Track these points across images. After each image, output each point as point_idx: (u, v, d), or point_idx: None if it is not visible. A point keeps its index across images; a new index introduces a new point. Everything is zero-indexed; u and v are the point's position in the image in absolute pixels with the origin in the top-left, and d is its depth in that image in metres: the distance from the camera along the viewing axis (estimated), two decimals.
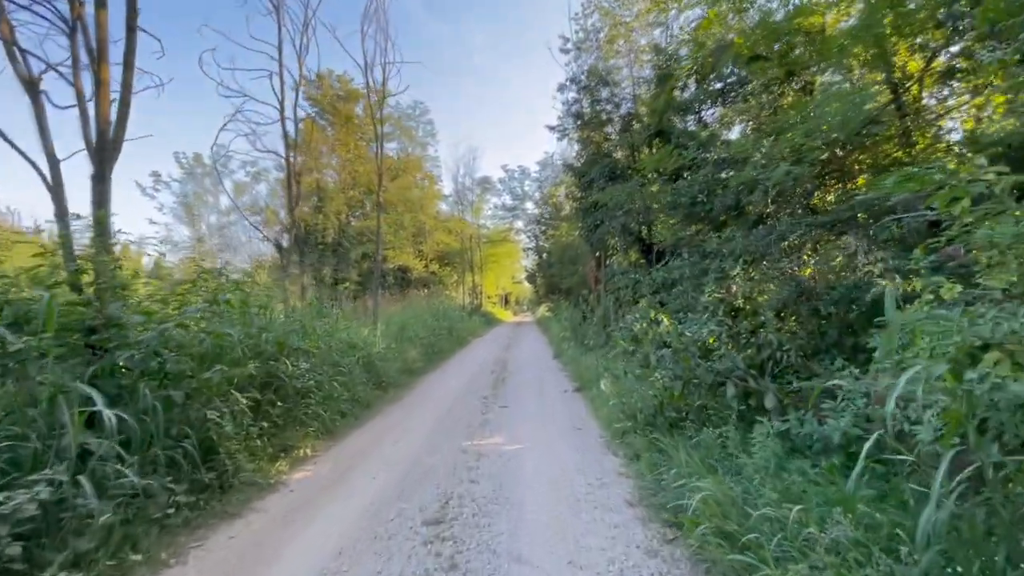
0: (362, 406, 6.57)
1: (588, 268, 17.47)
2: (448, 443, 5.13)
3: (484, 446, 5.01)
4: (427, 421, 6.07)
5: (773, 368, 4.73)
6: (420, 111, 25.56)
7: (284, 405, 4.83)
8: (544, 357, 12.81)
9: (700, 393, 4.42)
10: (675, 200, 6.90)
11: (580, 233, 14.19)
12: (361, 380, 7.01)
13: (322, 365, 6.04)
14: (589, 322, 13.78)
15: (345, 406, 6.13)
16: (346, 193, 27.82)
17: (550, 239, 27.80)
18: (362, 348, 7.87)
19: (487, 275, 38.95)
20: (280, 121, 9.19)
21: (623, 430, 5.06)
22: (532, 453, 4.76)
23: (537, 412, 6.49)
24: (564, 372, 10.11)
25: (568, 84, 11.73)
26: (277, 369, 4.92)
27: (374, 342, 8.87)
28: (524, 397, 7.50)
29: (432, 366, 10.83)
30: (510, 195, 36.63)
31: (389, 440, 5.28)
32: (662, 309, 5.58)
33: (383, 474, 4.26)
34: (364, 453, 4.83)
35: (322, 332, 6.99)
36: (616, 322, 10.81)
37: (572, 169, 12.47)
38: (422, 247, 28.00)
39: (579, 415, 6.30)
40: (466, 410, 6.64)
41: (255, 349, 4.79)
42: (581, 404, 6.96)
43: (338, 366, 6.64)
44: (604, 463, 4.43)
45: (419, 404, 7.12)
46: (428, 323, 13.03)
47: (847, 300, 4.72)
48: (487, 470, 4.30)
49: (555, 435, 5.36)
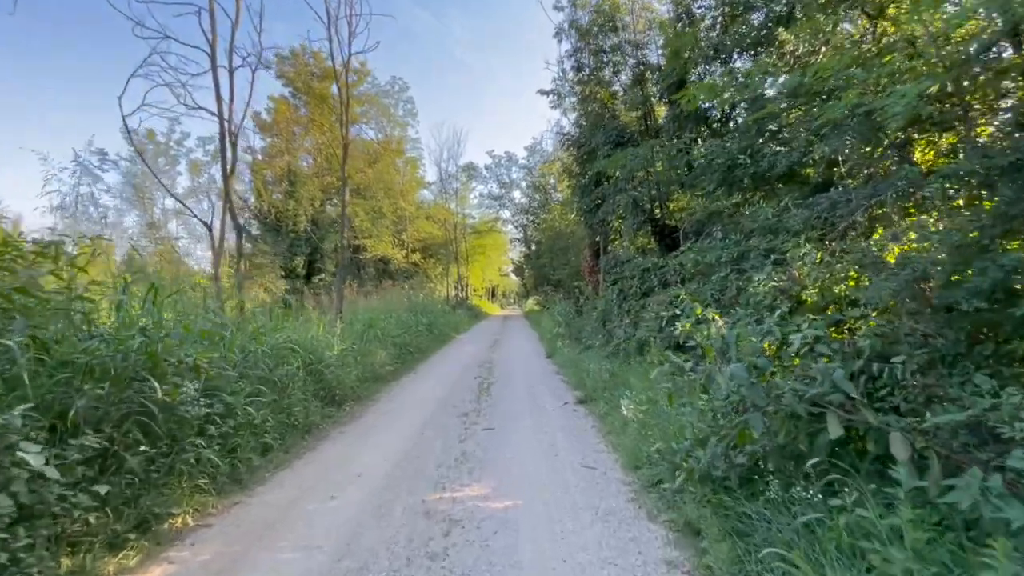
0: (298, 433, 4.93)
1: (582, 257, 15.95)
2: (407, 496, 3.54)
3: (459, 502, 3.44)
4: (384, 455, 4.46)
5: (869, 388, 3.25)
6: (399, 87, 23.71)
7: (152, 451, 3.18)
8: (535, 357, 11.27)
9: (789, 430, 2.89)
10: (708, 163, 5.39)
11: (576, 215, 12.60)
12: (302, 397, 5.36)
13: (236, 382, 4.38)
14: (586, 317, 12.27)
15: (272, 437, 4.49)
16: (321, 179, 25.92)
17: (540, 227, 26.17)
18: (310, 352, 6.21)
19: (473, 267, 37.26)
20: (211, 70, 7.41)
21: (657, 476, 3.53)
22: (528, 518, 3.20)
23: (532, 439, 4.93)
24: (560, 376, 8.58)
25: (566, 30, 9.93)
26: (147, 395, 3.26)
27: (330, 343, 7.21)
28: (514, 414, 5.94)
29: (406, 370, 9.20)
30: (496, 183, 34.92)
31: (323, 491, 3.67)
32: (698, 303, 4.06)
33: (293, 567, 2.66)
34: (277, 519, 3.22)
35: (250, 334, 5.32)
36: (620, 318, 9.31)
37: (569, 139, 10.82)
38: (403, 236, 26.20)
39: (589, 443, 4.75)
40: (440, 435, 5.05)
41: (103, 367, 3.11)
42: (588, 424, 5.43)
43: (269, 380, 4.99)
44: (643, 540, 2.88)
45: (379, 426, 5.51)
46: (403, 319, 11.37)
47: (991, 290, 3.22)
48: (460, 558, 2.73)
49: (559, 482, 3.81)
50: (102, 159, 17.88)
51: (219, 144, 7.26)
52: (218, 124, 7.26)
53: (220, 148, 7.27)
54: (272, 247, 22.31)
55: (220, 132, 7.28)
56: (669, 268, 5.40)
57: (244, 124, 7.60)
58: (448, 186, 30.85)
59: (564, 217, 20.67)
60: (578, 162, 11.02)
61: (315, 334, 6.84)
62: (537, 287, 30.17)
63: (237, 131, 7.42)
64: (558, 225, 21.16)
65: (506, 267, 48.61)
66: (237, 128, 7.43)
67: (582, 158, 10.52)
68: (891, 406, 3.22)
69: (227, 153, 7.28)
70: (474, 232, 36.02)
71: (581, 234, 14.97)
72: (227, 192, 7.18)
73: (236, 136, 7.41)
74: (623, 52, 9.13)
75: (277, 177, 25.72)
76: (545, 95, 10.85)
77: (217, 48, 7.41)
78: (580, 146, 10.37)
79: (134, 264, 5.90)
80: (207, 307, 5.22)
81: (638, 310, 8.63)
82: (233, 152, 7.40)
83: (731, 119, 7.00)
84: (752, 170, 5.20)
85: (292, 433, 4.86)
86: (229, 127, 7.38)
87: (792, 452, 3.13)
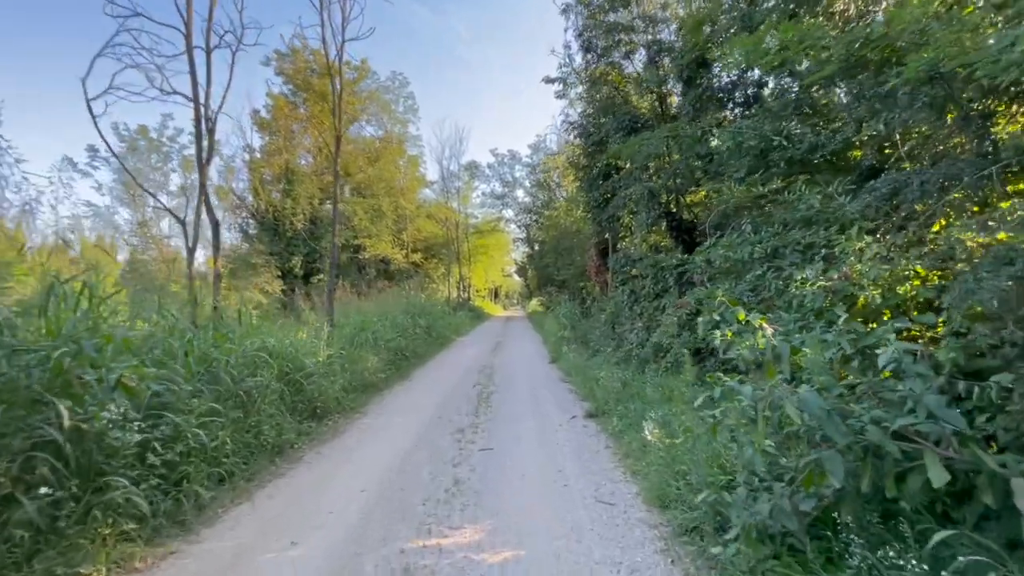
0: (267, 456, 4.28)
1: (588, 257, 15.25)
2: (383, 546, 2.88)
3: (446, 552, 2.77)
4: (364, 483, 3.80)
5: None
6: (399, 83, 23.10)
7: (60, 492, 2.53)
8: (539, 362, 10.60)
9: (873, 473, 2.21)
10: (737, 146, 4.71)
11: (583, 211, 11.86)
12: (273, 412, 4.71)
13: (190, 399, 3.73)
14: (594, 319, 11.59)
15: (234, 462, 3.84)
16: (320, 177, 25.42)
17: (544, 226, 25.45)
18: (288, 360, 5.56)
19: (475, 267, 36.58)
20: (186, 51, 6.79)
21: (693, 522, 2.85)
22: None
23: (537, 463, 4.26)
24: (567, 384, 7.91)
25: (573, 5, 9.14)
26: (53, 420, 2.61)
27: (314, 349, 6.57)
28: (516, 430, 5.28)
29: (400, 377, 8.54)
30: (499, 181, 34.26)
31: (283, 535, 3.01)
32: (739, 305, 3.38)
33: None
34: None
35: (212, 341, 4.67)
36: (631, 321, 8.63)
37: (577, 128, 10.10)
38: (402, 236, 25.57)
39: (603, 469, 4.08)
40: (430, 458, 4.39)
41: None
42: (600, 444, 4.75)
43: (234, 394, 4.34)
44: None
45: (362, 445, 4.85)
46: (398, 322, 10.72)
47: None
48: None
49: (570, 523, 3.13)
50: (92, 156, 17.40)
51: (194, 130, 6.64)
52: (193, 109, 6.65)
53: (195, 135, 6.64)
54: (269, 246, 21.76)
55: (195, 118, 6.64)
56: (696, 264, 4.71)
57: (237, 119, 6.92)
58: (450, 185, 30.20)
59: (569, 214, 19.93)
60: (586, 154, 10.30)
61: (294, 340, 6.18)
62: (540, 288, 29.49)
63: (215, 117, 6.79)
64: (563, 222, 20.41)
65: (509, 268, 47.96)
66: (215, 114, 6.80)
67: (590, 149, 9.80)
68: (985, 435, 2.56)
69: (203, 140, 6.64)
70: (477, 232, 35.36)
71: (587, 232, 14.28)
72: (202, 183, 6.54)
73: (214, 122, 6.77)
74: (636, 29, 8.39)
75: (275, 176, 25.23)
76: (551, 83, 10.15)
77: (193, 27, 6.80)
78: (588, 135, 9.67)
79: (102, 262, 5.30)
80: (163, 311, 4.58)
81: (651, 312, 7.95)
82: (210, 140, 6.77)
83: (758, 100, 6.30)
84: (789, 154, 4.52)
85: (259, 456, 4.20)
86: (206, 112, 6.75)
87: (872, 497, 2.46)
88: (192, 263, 6.35)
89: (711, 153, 5.83)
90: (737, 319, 3.03)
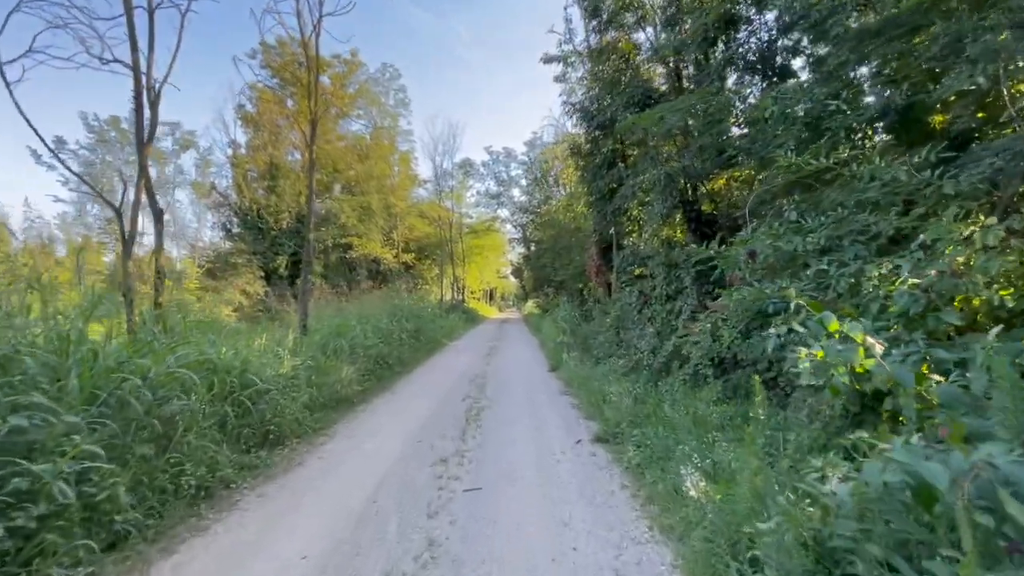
0: (185, 505, 3.30)
1: (588, 256, 14.34)
2: None
3: None
4: (307, 544, 2.85)
5: None
6: (390, 75, 22.13)
7: None
8: (537, 369, 9.64)
9: None
10: (781, 114, 3.81)
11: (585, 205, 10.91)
12: (207, 443, 3.73)
13: (63, 436, 2.75)
14: (596, 322, 10.67)
15: (133, 518, 2.87)
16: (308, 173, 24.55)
17: (540, 224, 24.51)
18: (235, 374, 4.59)
19: (470, 268, 35.62)
20: (124, 12, 5.81)
21: None
22: None
23: (537, 513, 3.32)
24: (569, 398, 6.96)
25: None
26: None
27: (275, 360, 5.60)
28: (511, 460, 4.33)
29: (380, 388, 7.57)
30: (494, 180, 33.34)
31: None
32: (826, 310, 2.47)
33: None
34: None
35: (127, 353, 3.69)
36: (640, 327, 7.71)
37: (579, 111, 9.15)
38: (392, 235, 24.58)
39: (622, 523, 3.13)
40: (400, 505, 3.43)
41: None
42: (615, 483, 3.81)
43: (148, 425, 3.36)
44: None
45: (317, 483, 3.88)
46: (382, 326, 9.74)
47: None
48: None
49: None
50: (59, 147, 16.33)
51: (134, 103, 5.65)
52: (132, 79, 5.67)
53: (136, 108, 5.66)
54: (252, 245, 20.73)
55: (135, 89, 5.67)
56: (733, 258, 3.79)
57: (168, 78, 5.98)
58: (444, 183, 29.23)
59: (568, 211, 18.98)
60: (589, 140, 9.36)
61: (247, 348, 5.21)
62: (537, 289, 28.55)
63: (159, 88, 5.81)
64: (562, 220, 19.46)
65: (504, 269, 47.01)
66: (159, 85, 5.83)
67: (594, 134, 8.87)
68: None
69: (144, 114, 5.67)
70: (471, 232, 34.39)
71: (587, 230, 13.36)
72: (142, 164, 5.56)
73: (157, 94, 5.80)
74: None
75: (260, 172, 24.26)
76: (551, 62, 9.22)
77: None
78: (592, 118, 8.73)
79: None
80: (50, 317, 3.60)
81: (664, 316, 7.04)
82: (153, 114, 5.80)
83: (787, 73, 5.33)
84: (849, 121, 3.63)
85: (176, 505, 3.23)
86: (148, 83, 5.78)
87: None
88: (128, 257, 5.36)
89: (749, 121, 4.94)
90: (827, 329, 2.11)
